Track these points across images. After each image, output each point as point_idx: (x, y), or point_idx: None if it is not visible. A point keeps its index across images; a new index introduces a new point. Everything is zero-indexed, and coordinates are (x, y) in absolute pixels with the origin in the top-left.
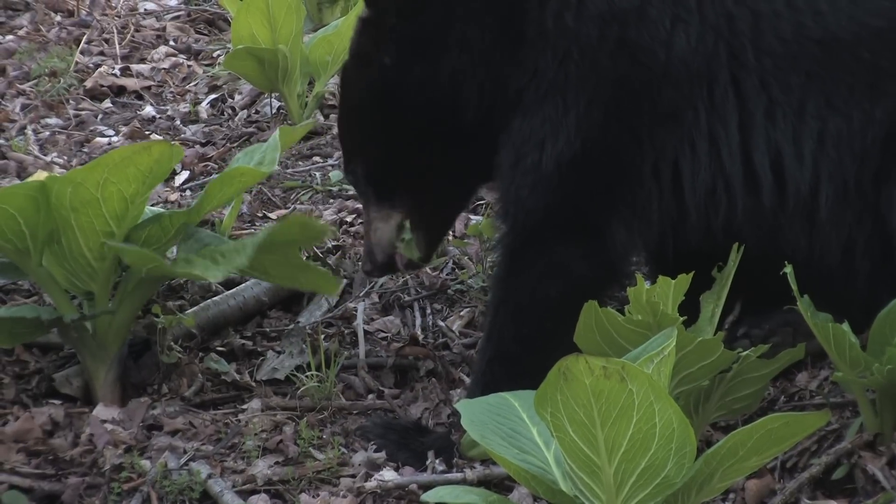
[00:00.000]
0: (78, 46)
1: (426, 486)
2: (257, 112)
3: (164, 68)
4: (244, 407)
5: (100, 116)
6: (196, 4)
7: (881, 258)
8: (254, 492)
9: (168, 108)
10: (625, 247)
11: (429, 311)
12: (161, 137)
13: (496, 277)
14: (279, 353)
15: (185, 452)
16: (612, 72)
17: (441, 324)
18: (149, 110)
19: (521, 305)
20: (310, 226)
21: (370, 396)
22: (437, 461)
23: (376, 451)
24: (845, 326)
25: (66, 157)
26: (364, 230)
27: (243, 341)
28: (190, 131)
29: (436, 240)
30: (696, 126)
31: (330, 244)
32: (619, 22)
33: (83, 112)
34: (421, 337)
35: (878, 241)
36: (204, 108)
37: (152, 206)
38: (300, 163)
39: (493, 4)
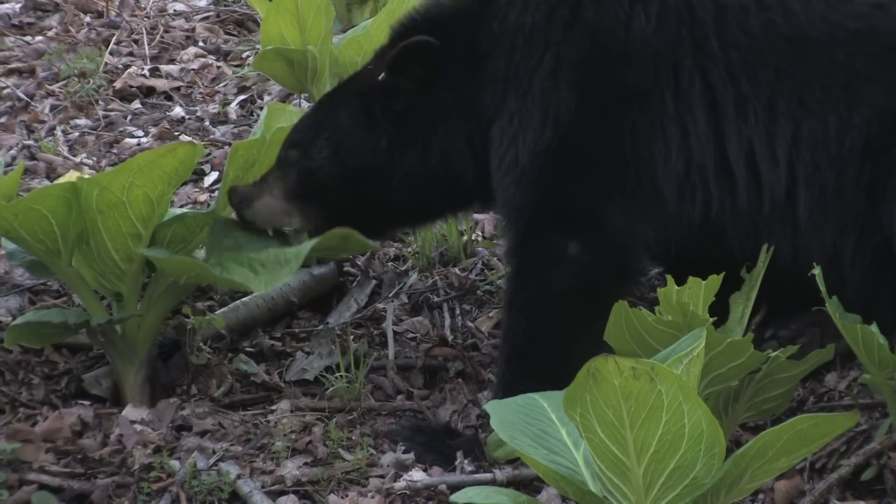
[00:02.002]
0: (107, 47)
1: (455, 487)
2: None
3: (194, 69)
4: (273, 408)
5: (129, 117)
6: (225, 5)
7: (873, 271)
8: (283, 492)
9: (197, 108)
10: (626, 231)
11: (458, 311)
12: (190, 138)
13: (508, 277)
14: (308, 353)
15: (214, 453)
16: (573, 53)
17: (470, 325)
18: (178, 111)
19: (528, 301)
20: (352, 238)
21: (399, 397)
22: (466, 461)
23: (405, 452)
24: (874, 328)
25: (95, 158)
26: (262, 183)
27: (272, 342)
28: (219, 132)
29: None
30: (664, 109)
31: None
32: (579, 5)
33: (112, 113)
34: (450, 338)
35: (868, 253)
36: (233, 108)
37: (181, 206)
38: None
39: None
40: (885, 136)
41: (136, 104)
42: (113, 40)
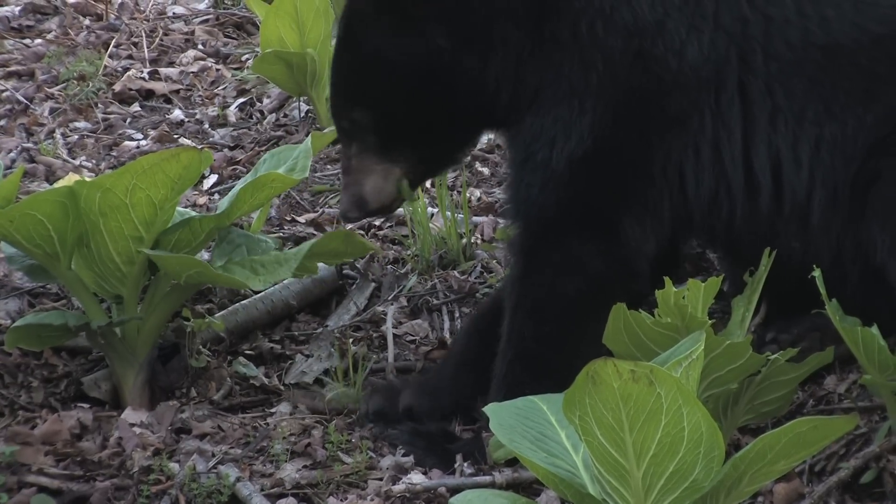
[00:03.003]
0: (106, 50)
1: (454, 490)
2: (286, 116)
3: (193, 72)
4: (272, 410)
5: (128, 120)
6: (224, 8)
7: (868, 263)
8: (282, 495)
9: (196, 111)
10: (638, 243)
11: (457, 314)
12: (189, 141)
13: (512, 277)
14: (308, 356)
15: (213, 456)
16: (626, 81)
17: None
18: (177, 114)
19: (539, 303)
20: (352, 240)
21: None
22: (466, 465)
23: (404, 455)
24: (874, 330)
25: (94, 161)
26: (351, 175)
27: (272, 345)
28: (218, 135)
29: (417, 187)
30: (702, 132)
31: None
32: (641, 35)
33: (112, 116)
34: (449, 341)
35: (865, 246)
36: (232, 111)
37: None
38: (329, 166)
39: (529, 4)
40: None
41: (136, 107)
42: (112, 43)
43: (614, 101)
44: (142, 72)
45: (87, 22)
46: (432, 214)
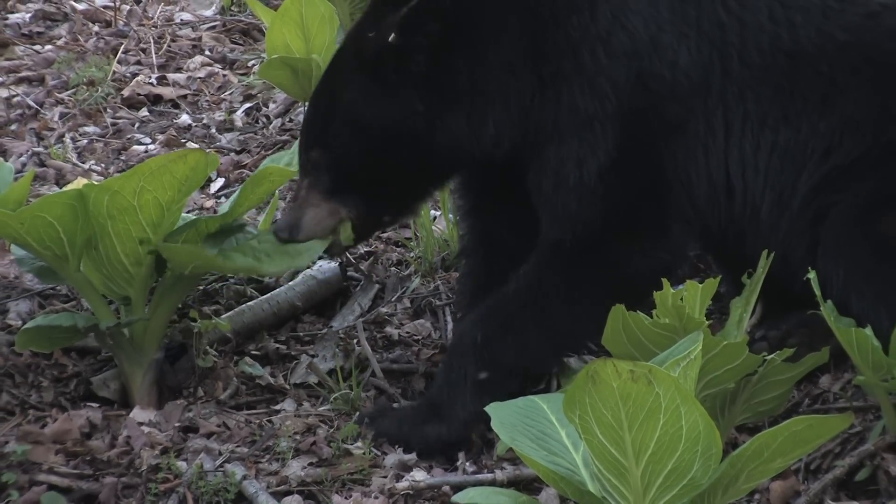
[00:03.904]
0: (115, 56)
1: (457, 487)
2: (291, 120)
3: (200, 77)
4: (278, 409)
5: (137, 125)
6: (231, 15)
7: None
8: (287, 493)
9: (204, 116)
10: (684, 241)
11: (459, 315)
12: (197, 145)
13: (549, 270)
14: (313, 356)
15: (220, 454)
16: (631, 102)
17: None
18: (185, 119)
19: (573, 298)
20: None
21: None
22: (468, 462)
23: (376, 437)
24: (868, 331)
25: (103, 165)
26: (297, 202)
27: (277, 345)
28: (225, 139)
29: (367, 237)
30: (696, 135)
31: (362, 250)
32: (639, 57)
33: (120, 120)
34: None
35: (814, 249)
36: (239, 116)
37: (188, 212)
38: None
39: (519, 42)
40: (840, 153)
41: (144, 112)
42: (121, 49)
43: (626, 121)
44: (150, 77)
45: (96, 28)
46: (435, 217)
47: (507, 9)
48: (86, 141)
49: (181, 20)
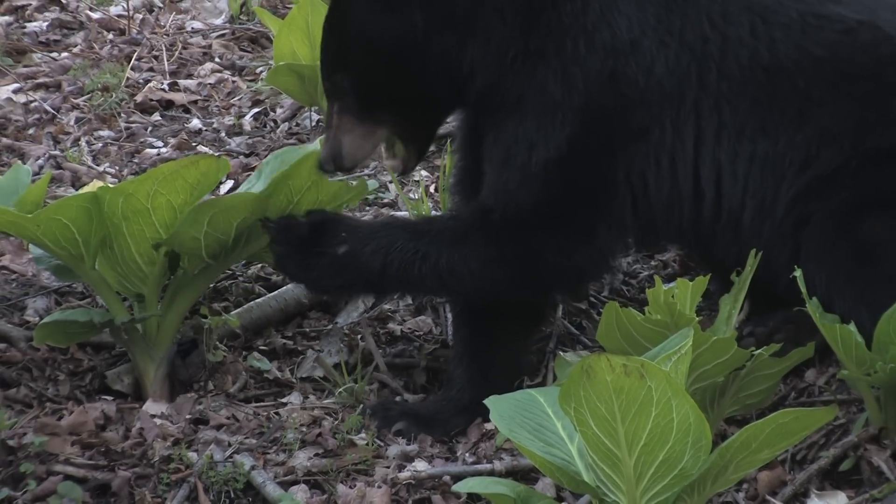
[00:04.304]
0: (129, 63)
1: (457, 477)
2: (297, 125)
3: (210, 83)
4: (285, 402)
5: (149, 129)
6: (240, 23)
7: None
8: (294, 482)
9: (214, 120)
10: (606, 243)
11: None
12: (207, 149)
13: (472, 229)
14: (318, 352)
15: (229, 445)
16: (598, 100)
17: None
18: (195, 123)
19: (477, 268)
20: (343, 189)
21: (406, 395)
22: (468, 453)
23: (379, 427)
24: (852, 327)
25: (117, 168)
26: (331, 130)
27: (284, 341)
28: (234, 143)
29: (423, 149)
30: (662, 143)
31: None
32: (615, 57)
33: (134, 125)
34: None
35: (796, 254)
36: (247, 120)
37: None
38: (338, 172)
39: (518, 8)
40: (819, 163)
41: (156, 116)
42: (134, 56)
43: (589, 117)
44: (162, 83)
45: (110, 36)
46: None
47: None
48: (100, 144)
49: (192, 28)
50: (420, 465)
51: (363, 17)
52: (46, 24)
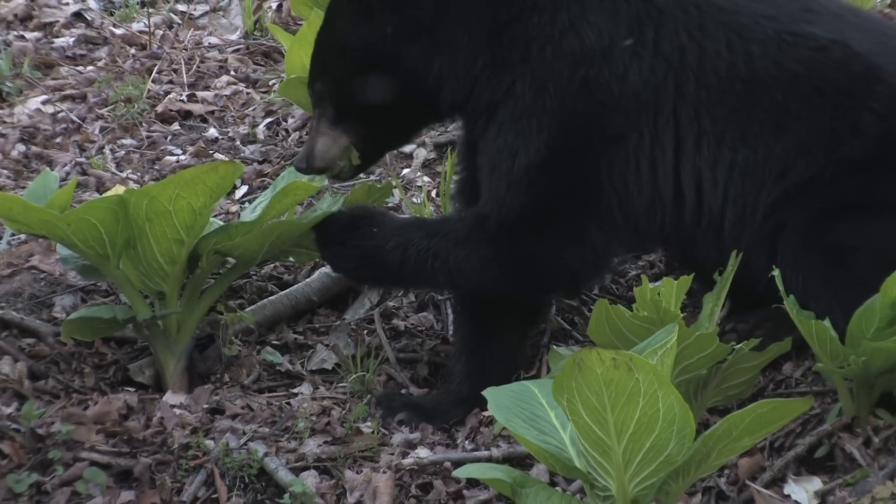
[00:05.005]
0: (150, 76)
1: (457, 463)
2: (308, 134)
3: (226, 95)
4: (296, 393)
5: (169, 137)
6: (254, 39)
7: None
8: (305, 468)
9: (229, 130)
10: (598, 243)
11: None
12: (223, 156)
13: (474, 232)
14: (327, 346)
15: (244, 433)
16: (572, 105)
17: None
18: (212, 132)
19: (463, 272)
20: (373, 189)
21: (411, 388)
22: (467, 441)
23: (384, 416)
24: (826, 323)
25: (139, 174)
26: (310, 134)
27: (295, 336)
28: (248, 150)
29: (372, 161)
30: (641, 148)
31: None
32: (587, 63)
33: (154, 134)
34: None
35: (774, 257)
36: (261, 130)
37: (215, 216)
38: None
39: (482, 14)
40: (795, 172)
41: (176, 126)
42: (155, 70)
43: (565, 121)
44: (181, 95)
45: (132, 51)
46: None
47: None
48: (123, 152)
49: (209, 44)
50: (422, 452)
51: (343, 26)
52: (73, 39)
